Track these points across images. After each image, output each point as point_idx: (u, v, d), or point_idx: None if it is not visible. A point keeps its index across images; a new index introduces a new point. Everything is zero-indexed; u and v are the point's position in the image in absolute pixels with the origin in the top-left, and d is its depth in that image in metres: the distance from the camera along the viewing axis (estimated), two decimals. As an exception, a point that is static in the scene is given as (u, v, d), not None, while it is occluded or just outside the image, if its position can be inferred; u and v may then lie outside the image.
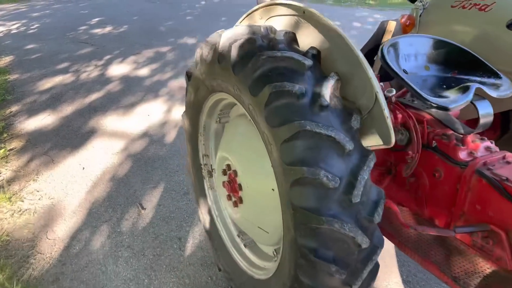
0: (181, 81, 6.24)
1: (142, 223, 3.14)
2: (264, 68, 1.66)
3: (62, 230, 3.09)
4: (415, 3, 2.74)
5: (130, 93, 5.81)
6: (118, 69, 6.83)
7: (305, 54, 1.74)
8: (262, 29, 1.87)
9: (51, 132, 4.67)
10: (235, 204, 2.15)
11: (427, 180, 1.97)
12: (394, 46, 2.10)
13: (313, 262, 1.54)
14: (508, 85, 1.99)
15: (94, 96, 5.69)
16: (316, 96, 1.59)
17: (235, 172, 2.08)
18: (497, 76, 2.04)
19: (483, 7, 2.38)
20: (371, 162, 1.58)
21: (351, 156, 1.56)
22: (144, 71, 6.72)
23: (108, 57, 7.56)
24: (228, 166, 2.14)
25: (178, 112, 5.16)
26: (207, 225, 2.59)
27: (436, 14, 2.67)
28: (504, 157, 1.89)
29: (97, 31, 9.92)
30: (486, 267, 1.82)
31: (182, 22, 10.68)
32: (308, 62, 1.65)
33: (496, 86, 1.96)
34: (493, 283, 1.75)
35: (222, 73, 1.88)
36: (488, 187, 1.78)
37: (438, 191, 1.95)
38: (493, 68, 2.06)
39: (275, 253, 2.03)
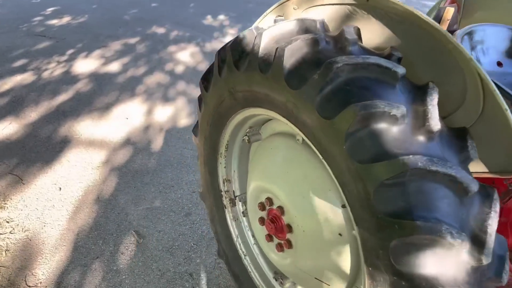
0: (158, 77, 5.65)
1: (142, 256, 2.64)
2: (340, 80, 1.21)
3: (44, 272, 2.54)
4: (460, -16, 2.34)
5: (102, 93, 5.17)
6: (84, 65, 6.14)
7: (388, 58, 1.30)
8: (318, 25, 1.41)
9: (16, 144, 4.02)
10: (279, 248, 1.70)
11: None
12: (470, 35, 1.70)
13: None
14: None
15: (61, 98, 5.03)
16: (422, 119, 1.15)
17: (280, 209, 1.62)
18: None
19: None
20: (497, 204, 1.17)
21: (473, 199, 1.15)
22: (114, 67, 6.07)
23: (70, 51, 6.82)
24: (269, 200, 1.68)
25: (161, 113, 4.61)
26: (231, 263, 2.13)
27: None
28: None
29: (54, 22, 9.02)
30: None
31: (147, 10, 9.93)
32: (401, 70, 1.21)
33: None
34: None
35: (266, 84, 1.42)
36: None
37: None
38: None
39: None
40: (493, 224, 1.12)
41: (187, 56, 6.52)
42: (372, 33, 1.49)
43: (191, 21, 8.67)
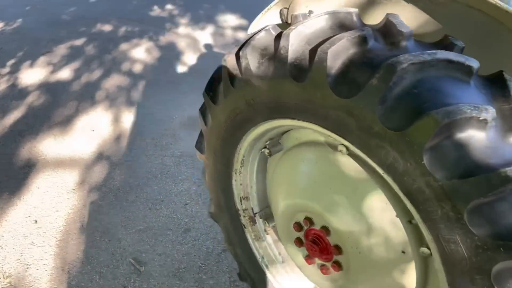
0: (117, 79, 5.25)
1: (148, 287, 2.39)
2: (406, 83, 1.02)
3: (40, 324, 2.25)
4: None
5: (59, 104, 4.73)
6: (31, 76, 5.60)
7: (449, 49, 1.12)
8: (354, 18, 1.21)
9: (-28, 176, 3.58)
10: (325, 271, 1.52)
11: None
12: None
13: None
14: None
15: (13, 116, 4.55)
16: (511, 118, 0.99)
17: (325, 229, 1.44)
18: None
19: None
20: None
21: None
22: (65, 73, 5.58)
23: (12, 61, 6.21)
24: (309, 220, 1.49)
25: (129, 119, 4.27)
26: (258, 285, 1.94)
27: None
28: None
29: (-15, 30, 8.24)
30: None
31: (86, 7, 9.26)
32: (475, 63, 1.04)
33: None
34: None
35: (303, 94, 1.21)
36: None
37: None
38: None
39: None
40: None
41: (142, 52, 6.12)
42: (408, 21, 1.30)
43: (137, 15, 8.17)
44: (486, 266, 0.98)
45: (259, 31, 1.38)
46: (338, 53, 1.13)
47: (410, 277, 1.32)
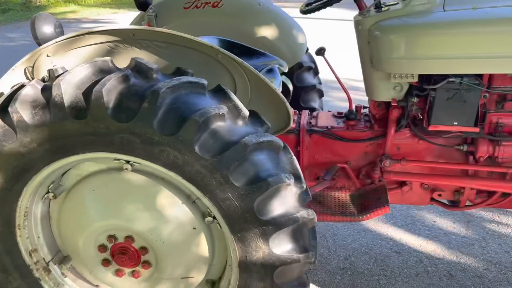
0: None
1: None
2: (167, 101, 1.47)
3: None
4: (147, 10, 2.78)
5: None
6: None
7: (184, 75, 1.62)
8: (110, 64, 1.58)
9: None
10: (137, 274, 1.78)
11: None
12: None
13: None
14: (278, 59, 2.47)
15: None
16: (236, 110, 1.58)
17: (129, 238, 1.70)
18: (265, 55, 2.49)
19: (215, 4, 2.73)
20: (290, 150, 1.72)
21: (283, 152, 1.66)
22: None
23: None
24: (113, 237, 1.71)
25: None
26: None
27: (170, 16, 2.82)
28: (309, 114, 2.43)
29: None
30: (344, 196, 2.33)
31: None
32: (205, 81, 1.58)
33: (278, 62, 2.42)
34: (353, 201, 2.29)
35: (85, 129, 1.49)
36: (321, 139, 2.28)
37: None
38: (260, 50, 2.49)
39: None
40: (297, 163, 1.67)
41: None
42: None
43: None
44: (249, 205, 1.51)
45: (20, 87, 1.54)
46: (110, 90, 1.45)
47: (203, 246, 1.74)
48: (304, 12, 2.16)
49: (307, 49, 2.96)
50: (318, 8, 2.08)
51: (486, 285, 2.40)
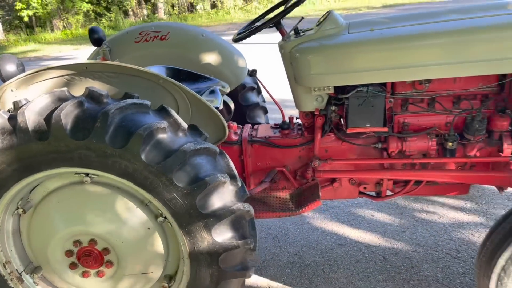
0: None
1: None
2: (116, 121, 1.78)
3: None
4: (102, 46, 3.09)
5: None
6: None
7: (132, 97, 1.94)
8: (67, 93, 1.89)
9: None
10: (101, 274, 2.05)
11: None
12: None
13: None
14: (221, 82, 2.83)
15: None
16: (176, 124, 1.90)
17: (92, 241, 1.98)
18: (209, 79, 2.85)
19: (162, 37, 3.08)
20: (227, 156, 2.05)
21: (220, 157, 1.99)
22: None
23: None
24: (77, 242, 1.98)
25: None
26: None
27: (123, 50, 3.15)
28: (251, 127, 2.78)
29: None
30: (284, 195, 2.67)
31: None
32: (149, 102, 1.91)
33: (221, 84, 2.78)
34: (292, 199, 2.63)
35: (48, 148, 1.78)
36: (260, 147, 2.63)
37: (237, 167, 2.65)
38: (204, 75, 2.85)
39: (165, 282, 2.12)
40: (232, 165, 2.00)
41: None
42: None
43: None
44: (192, 202, 1.81)
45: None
46: (67, 114, 1.75)
47: (158, 243, 2.02)
48: (235, 40, 2.52)
49: (249, 71, 3.34)
50: (245, 37, 2.45)
51: (414, 264, 2.77)
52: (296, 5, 2.33)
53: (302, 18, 2.65)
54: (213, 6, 21.31)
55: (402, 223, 3.20)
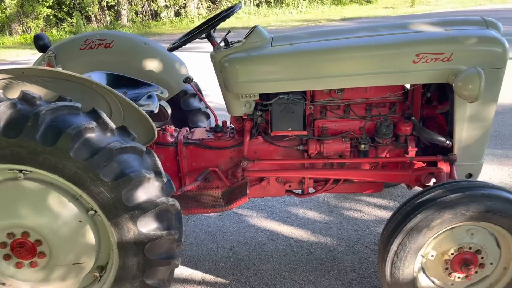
0: None
1: None
2: (47, 121, 1.96)
3: None
4: (47, 52, 3.23)
5: None
6: None
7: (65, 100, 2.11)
8: (1, 95, 2.04)
9: None
10: (34, 264, 2.18)
11: None
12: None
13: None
14: (160, 88, 3.03)
15: None
16: (105, 125, 2.09)
17: (25, 233, 2.12)
18: (149, 85, 3.05)
19: (107, 45, 3.25)
20: (154, 154, 2.25)
21: (147, 155, 2.19)
22: None
23: None
24: (11, 234, 2.12)
25: None
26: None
27: (69, 56, 3.29)
28: (188, 131, 2.99)
29: None
30: (216, 193, 2.89)
31: None
32: (79, 105, 2.09)
33: (160, 90, 2.98)
34: (223, 196, 2.85)
35: None
36: (195, 149, 2.84)
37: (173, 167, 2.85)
38: (144, 81, 3.05)
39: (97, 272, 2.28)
40: (159, 163, 2.20)
41: None
42: (36, 91, 2.20)
43: None
44: (118, 195, 1.99)
45: None
46: (1, 114, 1.90)
47: (90, 235, 2.19)
48: (170, 50, 2.73)
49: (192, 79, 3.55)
50: (178, 46, 2.67)
51: (336, 256, 3.04)
52: (222, 20, 2.57)
53: (229, 31, 2.90)
54: (177, 14, 21.41)
55: (330, 220, 3.48)
